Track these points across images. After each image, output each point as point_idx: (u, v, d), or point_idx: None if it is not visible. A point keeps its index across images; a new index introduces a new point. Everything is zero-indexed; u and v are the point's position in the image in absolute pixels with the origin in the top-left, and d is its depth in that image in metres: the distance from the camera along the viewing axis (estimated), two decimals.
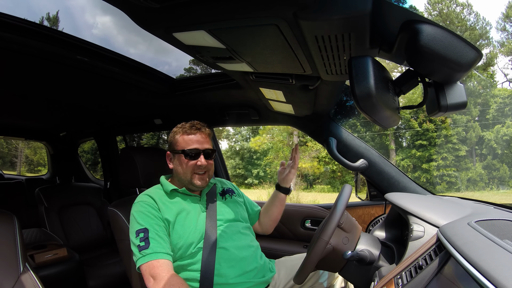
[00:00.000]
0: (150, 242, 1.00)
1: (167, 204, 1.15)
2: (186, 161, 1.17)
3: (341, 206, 0.89)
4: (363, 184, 1.75)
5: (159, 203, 1.14)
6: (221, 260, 1.10)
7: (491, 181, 16.17)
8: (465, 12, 18.60)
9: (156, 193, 1.19)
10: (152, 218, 1.07)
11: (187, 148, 1.18)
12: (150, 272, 0.96)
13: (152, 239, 1.01)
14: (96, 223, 2.59)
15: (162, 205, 1.14)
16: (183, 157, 1.18)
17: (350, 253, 0.89)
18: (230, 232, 1.19)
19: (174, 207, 1.15)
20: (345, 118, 13.38)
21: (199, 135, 1.21)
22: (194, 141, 1.19)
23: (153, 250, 0.99)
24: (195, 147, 1.18)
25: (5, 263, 0.99)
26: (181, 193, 1.21)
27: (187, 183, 1.20)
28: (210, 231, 1.15)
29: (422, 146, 16.99)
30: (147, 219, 1.06)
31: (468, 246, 0.57)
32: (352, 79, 0.58)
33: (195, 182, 1.18)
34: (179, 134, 1.21)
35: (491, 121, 16.77)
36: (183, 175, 1.19)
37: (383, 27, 0.68)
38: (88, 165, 14.54)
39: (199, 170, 1.18)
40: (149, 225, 1.04)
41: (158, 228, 1.05)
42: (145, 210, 1.09)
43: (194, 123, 1.24)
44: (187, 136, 1.20)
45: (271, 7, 0.65)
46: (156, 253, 0.98)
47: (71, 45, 1.15)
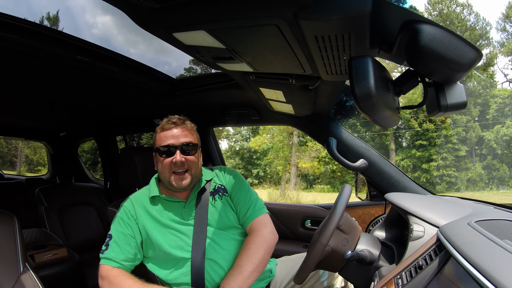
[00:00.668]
0: (108, 248, 1.06)
1: (146, 211, 1.11)
2: (162, 159, 1.09)
3: (341, 207, 0.89)
4: (363, 184, 1.75)
5: (138, 211, 1.10)
6: (211, 272, 1.06)
7: (491, 181, 16.17)
8: (465, 12, 18.61)
9: (140, 198, 1.14)
10: (121, 226, 1.09)
11: (162, 145, 1.09)
12: (100, 272, 1.04)
13: (110, 247, 1.06)
14: (96, 223, 2.59)
15: (141, 213, 1.10)
16: (159, 155, 1.10)
17: (350, 253, 0.89)
18: (220, 241, 1.10)
19: (153, 215, 1.10)
20: (345, 118, 13.38)
21: (175, 129, 1.11)
22: (169, 136, 1.09)
23: (105, 256, 1.05)
24: (169, 143, 1.08)
25: (5, 263, 0.99)
26: (163, 200, 1.13)
27: (167, 184, 1.11)
28: (198, 242, 1.07)
29: (422, 146, 16.99)
30: (117, 226, 1.10)
31: (468, 246, 0.57)
32: (352, 79, 0.58)
33: (173, 183, 1.08)
34: (158, 132, 1.14)
35: (491, 121, 16.77)
36: (162, 176, 1.11)
37: (383, 27, 0.68)
38: (88, 165, 14.53)
39: (176, 168, 1.08)
40: (114, 233, 1.09)
41: (121, 237, 1.07)
42: (120, 216, 1.11)
43: (171, 118, 1.14)
44: (163, 132, 1.11)
45: (271, 7, 0.65)
46: (106, 259, 1.05)
47: (71, 45, 1.15)
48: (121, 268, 1.04)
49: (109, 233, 1.10)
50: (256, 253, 1.03)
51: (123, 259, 1.05)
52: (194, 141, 1.14)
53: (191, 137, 1.13)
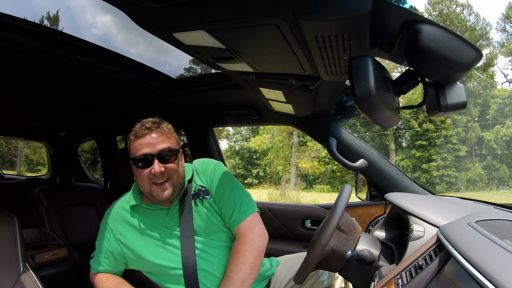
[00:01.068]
0: (93, 257, 1.15)
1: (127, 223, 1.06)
2: (140, 171, 0.98)
3: (340, 207, 0.89)
4: (363, 184, 1.75)
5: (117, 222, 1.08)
6: (206, 282, 1.01)
7: (491, 181, 16.18)
8: (465, 12, 18.62)
9: (119, 208, 1.10)
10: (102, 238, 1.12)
11: (139, 154, 0.97)
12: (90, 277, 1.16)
13: (94, 256, 1.15)
14: (96, 223, 2.59)
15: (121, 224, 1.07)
16: (136, 166, 0.99)
17: (350, 253, 0.89)
18: (209, 249, 1.03)
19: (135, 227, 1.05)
20: (345, 118, 13.38)
21: (150, 135, 0.99)
22: (144, 144, 0.98)
23: (91, 263, 1.15)
24: (145, 152, 0.97)
25: (5, 263, 0.99)
26: (144, 208, 1.05)
27: (149, 196, 1.01)
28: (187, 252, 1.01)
29: (422, 146, 16.99)
30: (99, 238, 1.14)
31: (468, 246, 0.57)
32: (352, 79, 0.58)
33: (155, 195, 0.98)
34: (131, 140, 1.02)
35: (491, 121, 16.78)
36: (142, 187, 1.01)
37: (383, 27, 0.68)
38: (87, 164, 14.53)
39: (156, 179, 0.97)
40: (97, 245, 1.14)
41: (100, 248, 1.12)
42: (102, 225, 1.14)
43: (144, 122, 1.02)
44: (137, 140, 0.99)
45: (271, 7, 0.65)
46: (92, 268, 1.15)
47: (71, 45, 1.15)
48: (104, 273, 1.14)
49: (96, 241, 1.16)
50: (245, 261, 0.95)
51: (104, 269, 1.13)
52: (173, 146, 1.02)
53: (168, 142, 1.01)
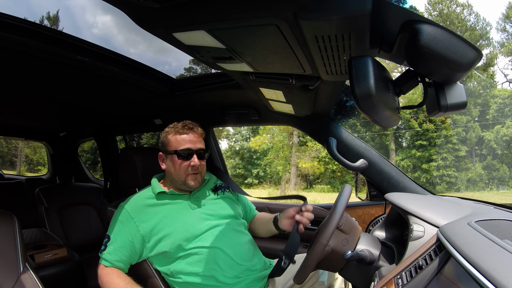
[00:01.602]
0: (106, 249, 1.12)
1: (151, 209, 1.15)
2: (180, 161, 1.16)
3: (340, 207, 0.89)
4: (363, 184, 1.75)
5: (140, 211, 1.14)
6: (219, 261, 1.10)
7: (491, 181, 16.18)
8: (465, 12, 18.62)
9: (143, 197, 1.18)
10: (120, 229, 1.12)
11: (180, 149, 1.17)
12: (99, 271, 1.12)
13: (107, 248, 1.12)
14: (96, 223, 2.59)
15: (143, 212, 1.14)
16: (176, 158, 1.17)
17: (350, 253, 0.89)
18: (224, 230, 1.17)
19: (160, 210, 1.15)
20: (345, 118, 13.39)
21: (192, 134, 1.20)
22: (187, 141, 1.18)
23: (102, 256, 1.12)
24: (188, 147, 1.17)
25: (5, 263, 0.99)
26: (169, 194, 1.20)
27: (180, 184, 1.19)
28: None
29: (422, 146, 16.99)
30: (116, 228, 1.13)
31: (468, 246, 0.57)
32: (352, 79, 0.58)
33: (189, 183, 1.18)
34: (171, 134, 1.20)
35: (491, 121, 16.78)
36: (177, 176, 1.18)
37: (383, 27, 0.68)
38: (87, 164, 14.54)
39: (192, 170, 1.17)
40: (112, 236, 1.13)
41: (118, 240, 1.11)
42: (120, 218, 1.14)
43: (186, 123, 1.22)
44: (179, 136, 1.19)
45: (271, 7, 0.65)
46: (103, 260, 1.12)
47: (71, 45, 1.15)
48: (114, 267, 1.11)
49: (107, 233, 1.15)
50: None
51: (117, 260, 1.11)
52: (204, 147, 1.25)
53: (202, 144, 1.24)
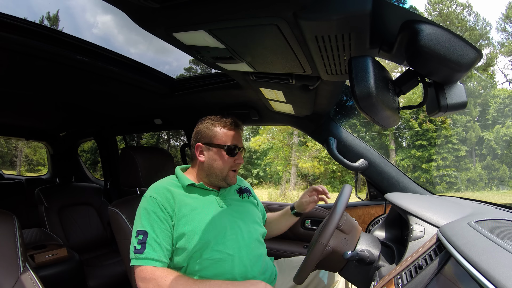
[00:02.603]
0: (146, 247, 0.98)
1: (182, 198, 1.08)
2: (227, 157, 1.12)
3: (341, 207, 0.89)
4: (363, 184, 1.75)
5: (172, 198, 1.06)
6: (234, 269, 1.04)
7: (491, 181, 16.17)
8: (465, 12, 18.61)
9: (170, 186, 1.11)
10: (156, 220, 1.01)
11: (231, 144, 1.12)
12: (140, 275, 0.96)
13: (149, 245, 0.98)
14: (96, 223, 2.59)
15: (175, 200, 1.06)
16: (224, 152, 1.12)
17: (350, 253, 0.89)
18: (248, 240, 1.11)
19: (190, 202, 1.09)
20: (345, 118, 13.38)
21: (239, 132, 1.18)
22: (236, 137, 1.15)
23: (146, 256, 0.97)
24: (236, 144, 1.14)
25: (5, 263, 0.99)
26: (198, 188, 1.15)
27: (219, 179, 1.14)
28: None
29: (422, 146, 16.98)
30: (151, 220, 1.01)
31: (468, 246, 0.57)
32: (352, 79, 0.58)
33: (231, 179, 1.15)
34: (219, 127, 1.14)
35: (491, 121, 16.78)
36: (220, 171, 1.13)
37: (383, 27, 0.68)
38: (88, 165, 14.54)
39: (235, 167, 1.15)
40: (150, 229, 1.00)
41: (159, 233, 1.00)
42: (151, 209, 1.03)
43: (234, 119, 1.18)
44: (229, 131, 1.14)
45: (271, 7, 0.65)
46: (148, 260, 0.97)
47: (71, 45, 1.15)
48: (164, 267, 0.99)
49: (141, 229, 1.00)
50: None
51: (165, 256, 1.00)
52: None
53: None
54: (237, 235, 1.09)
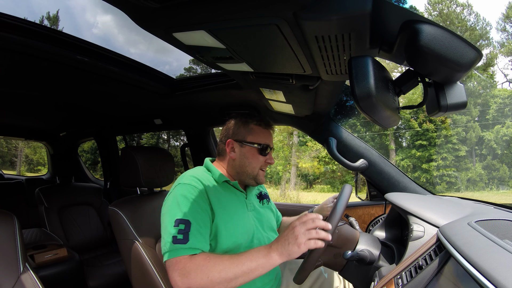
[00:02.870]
0: (189, 238, 0.88)
1: (217, 193, 1.03)
2: (259, 156, 1.11)
3: (341, 208, 0.89)
4: (363, 184, 1.75)
5: (209, 190, 1.01)
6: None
7: (491, 181, 16.17)
8: (465, 12, 18.61)
9: (205, 178, 1.05)
10: (198, 210, 0.93)
11: (264, 143, 1.11)
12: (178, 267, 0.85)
13: (192, 235, 0.89)
14: (96, 223, 2.59)
15: (212, 194, 1.01)
16: (257, 151, 1.10)
17: (350, 253, 0.89)
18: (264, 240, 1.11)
19: (225, 200, 1.04)
20: (345, 118, 13.37)
21: (271, 132, 1.17)
22: (268, 137, 1.14)
23: (190, 246, 0.88)
24: (268, 143, 1.13)
25: (5, 263, 0.99)
26: (232, 186, 1.11)
27: (249, 178, 1.12)
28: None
29: (422, 146, 16.98)
30: (193, 210, 0.93)
31: (468, 246, 0.57)
32: (352, 79, 0.58)
33: (260, 178, 1.13)
34: (253, 125, 1.13)
35: (491, 121, 16.78)
36: (251, 169, 1.11)
37: (383, 27, 0.68)
38: (88, 165, 14.53)
39: (265, 167, 1.14)
40: (193, 218, 0.91)
41: (202, 223, 0.92)
42: (192, 197, 0.95)
43: (268, 119, 1.18)
44: (263, 129, 1.13)
45: (271, 7, 0.65)
46: (192, 249, 0.88)
47: (71, 45, 1.15)
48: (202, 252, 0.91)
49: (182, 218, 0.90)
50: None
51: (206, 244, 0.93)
52: None
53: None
54: (260, 242, 1.07)
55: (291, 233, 0.81)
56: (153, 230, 1.34)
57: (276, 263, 0.83)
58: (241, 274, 0.82)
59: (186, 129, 2.31)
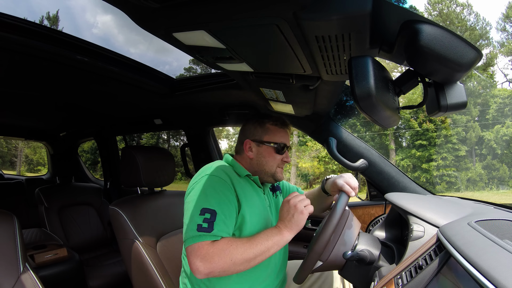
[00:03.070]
0: (214, 227, 0.91)
1: (241, 187, 1.06)
2: (276, 155, 1.14)
3: (340, 208, 0.89)
4: (363, 184, 1.75)
5: (235, 183, 1.04)
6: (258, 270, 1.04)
7: (491, 181, 16.17)
8: (465, 12, 18.62)
9: (230, 171, 1.08)
10: (225, 201, 0.96)
11: (281, 142, 1.15)
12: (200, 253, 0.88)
13: (217, 225, 0.91)
14: (96, 223, 2.59)
15: (238, 186, 1.04)
16: (274, 150, 1.14)
17: (350, 253, 0.89)
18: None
19: (248, 192, 1.08)
20: (345, 118, 13.37)
21: (287, 131, 1.20)
22: (284, 135, 1.18)
23: (214, 234, 0.90)
24: (284, 142, 1.16)
25: (5, 263, 0.99)
26: (253, 181, 1.15)
27: (268, 175, 1.15)
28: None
29: (422, 146, 16.99)
30: (220, 200, 0.95)
31: (468, 246, 0.57)
32: (352, 79, 0.58)
33: (279, 175, 1.16)
34: (269, 125, 1.16)
35: (491, 121, 16.78)
36: (268, 167, 1.14)
37: (383, 27, 0.68)
38: (87, 164, 14.53)
39: (282, 164, 1.17)
40: (219, 209, 0.93)
41: (227, 214, 0.95)
42: (220, 189, 0.98)
43: (284, 118, 1.21)
44: (279, 129, 1.17)
45: (271, 7, 0.65)
46: (215, 236, 0.91)
47: (71, 45, 1.15)
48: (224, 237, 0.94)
49: (209, 207, 0.93)
50: None
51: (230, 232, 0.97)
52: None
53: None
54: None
55: (289, 207, 0.94)
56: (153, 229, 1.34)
57: (289, 238, 0.94)
58: (260, 253, 0.90)
59: (186, 129, 2.31)
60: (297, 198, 0.95)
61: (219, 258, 0.86)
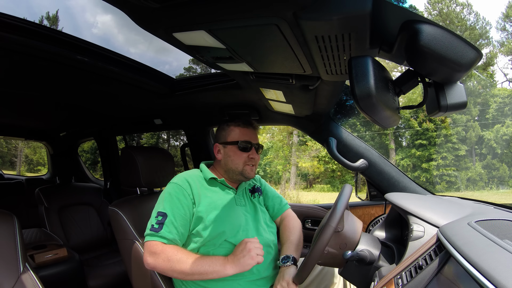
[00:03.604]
0: (163, 228, 1.07)
1: (204, 189, 1.17)
2: (240, 152, 1.22)
3: (340, 209, 0.89)
4: (363, 184, 1.75)
5: (195, 188, 1.15)
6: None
7: (491, 181, 16.18)
8: (465, 11, 18.60)
9: (194, 177, 1.20)
10: (178, 205, 1.10)
11: (243, 140, 1.22)
12: (150, 249, 1.05)
13: (166, 226, 1.07)
14: (96, 223, 2.59)
15: (198, 191, 1.15)
16: (237, 148, 1.22)
17: (350, 253, 0.89)
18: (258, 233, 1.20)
19: (211, 194, 1.18)
20: (345, 118, 13.38)
21: (253, 130, 1.27)
22: (249, 134, 1.25)
23: (161, 235, 1.06)
24: (249, 140, 1.23)
25: (5, 263, 0.99)
26: (219, 183, 1.23)
27: (236, 174, 1.23)
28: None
29: (422, 146, 16.99)
30: (172, 204, 1.10)
31: (468, 246, 0.57)
32: (352, 79, 0.58)
33: (248, 173, 1.23)
34: (232, 127, 1.25)
35: (491, 120, 16.78)
36: (235, 166, 1.22)
37: (383, 27, 0.68)
38: (88, 165, 14.53)
39: (250, 162, 1.23)
40: (170, 212, 1.09)
41: (177, 216, 1.09)
42: (174, 194, 1.12)
43: (248, 119, 1.29)
44: (241, 129, 1.25)
45: (271, 7, 0.65)
46: (162, 238, 1.06)
47: (71, 45, 1.15)
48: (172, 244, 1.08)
49: (161, 211, 1.10)
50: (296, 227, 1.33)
51: (177, 238, 1.09)
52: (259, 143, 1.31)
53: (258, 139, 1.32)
54: (247, 234, 1.16)
55: (244, 248, 1.01)
56: None
57: (228, 273, 1.00)
58: (198, 273, 1.01)
59: (186, 129, 2.31)
60: (255, 244, 1.03)
61: (162, 260, 1.02)
